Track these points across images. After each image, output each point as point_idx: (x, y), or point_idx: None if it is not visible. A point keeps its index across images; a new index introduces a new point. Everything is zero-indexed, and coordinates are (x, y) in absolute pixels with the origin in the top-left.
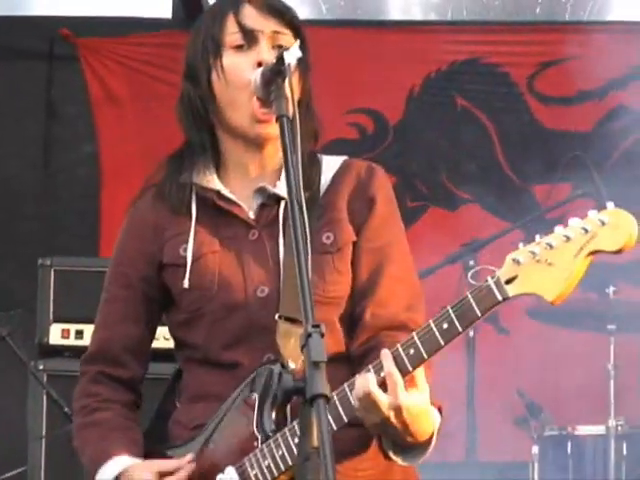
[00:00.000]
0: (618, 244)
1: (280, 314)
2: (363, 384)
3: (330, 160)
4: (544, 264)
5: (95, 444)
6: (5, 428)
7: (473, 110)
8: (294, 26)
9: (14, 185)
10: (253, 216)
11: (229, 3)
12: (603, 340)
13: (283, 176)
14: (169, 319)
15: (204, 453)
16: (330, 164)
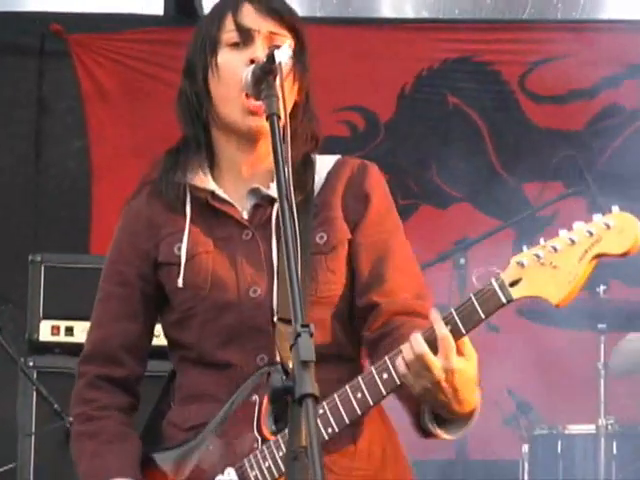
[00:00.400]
0: (624, 247)
1: (279, 316)
2: (415, 347)
3: (324, 159)
4: (549, 267)
5: (89, 460)
6: None
7: (464, 108)
8: (293, 28)
9: (4, 180)
10: (247, 216)
11: (229, 2)
12: (593, 339)
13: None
14: (163, 319)
15: (203, 454)
16: (324, 163)
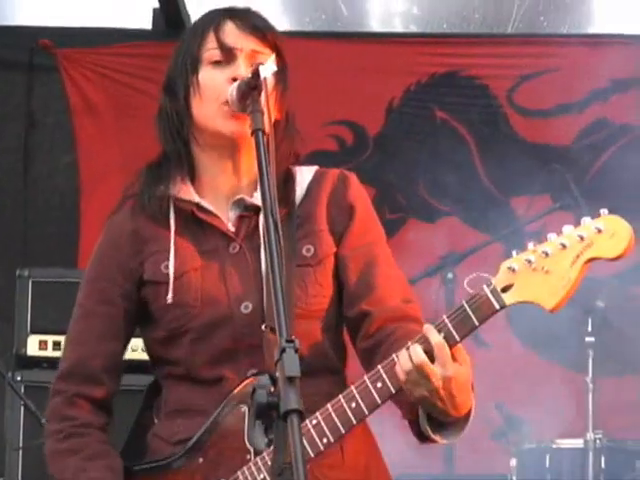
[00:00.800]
0: (616, 251)
1: (266, 324)
2: (414, 356)
3: (303, 171)
4: (541, 272)
5: (74, 475)
6: None
7: (452, 122)
8: (274, 46)
9: None
10: (232, 228)
11: (211, 19)
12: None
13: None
14: (146, 335)
15: (194, 467)
16: (303, 175)
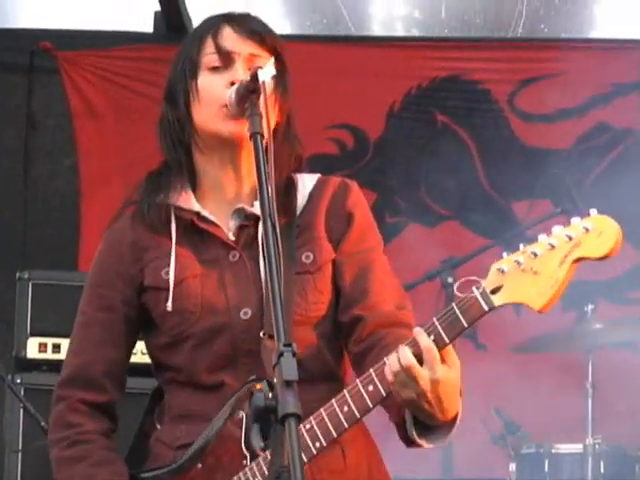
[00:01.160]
0: (603, 251)
1: (264, 331)
2: (403, 358)
3: (305, 179)
4: (529, 273)
5: None
6: None
7: (453, 127)
8: (273, 49)
9: None
10: (233, 237)
11: (209, 25)
12: (581, 358)
13: None
14: (149, 341)
15: (192, 473)
16: (305, 183)
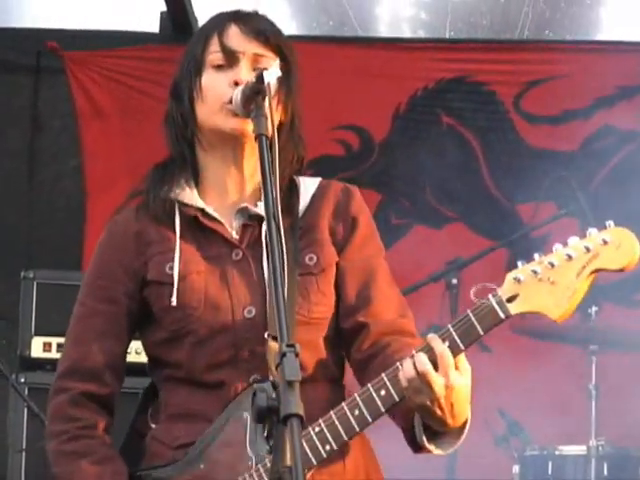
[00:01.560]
0: (621, 263)
1: (269, 333)
2: (419, 364)
3: (306, 182)
4: (546, 283)
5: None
6: None
7: (459, 128)
8: (279, 49)
9: None
10: (236, 236)
11: (215, 23)
12: (585, 360)
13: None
14: (146, 336)
15: (195, 474)
16: (307, 186)
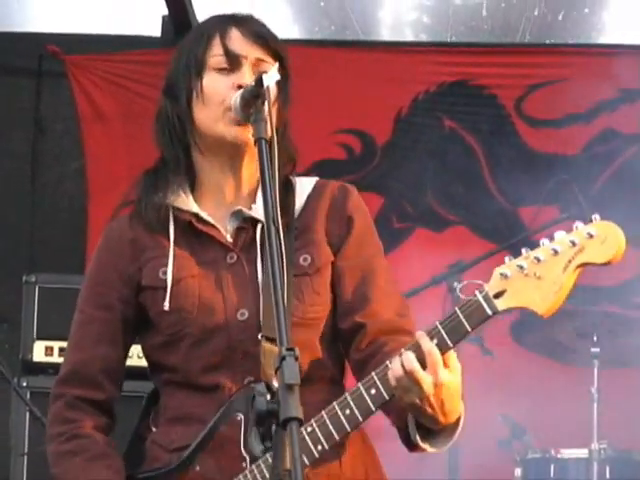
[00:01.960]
0: (607, 256)
1: (262, 334)
2: (406, 363)
3: (303, 182)
4: (533, 278)
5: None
6: None
7: (461, 132)
8: (278, 55)
9: (0, 200)
10: (230, 239)
11: (216, 24)
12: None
13: (258, 198)
14: (144, 341)
15: (190, 475)
16: (303, 186)
